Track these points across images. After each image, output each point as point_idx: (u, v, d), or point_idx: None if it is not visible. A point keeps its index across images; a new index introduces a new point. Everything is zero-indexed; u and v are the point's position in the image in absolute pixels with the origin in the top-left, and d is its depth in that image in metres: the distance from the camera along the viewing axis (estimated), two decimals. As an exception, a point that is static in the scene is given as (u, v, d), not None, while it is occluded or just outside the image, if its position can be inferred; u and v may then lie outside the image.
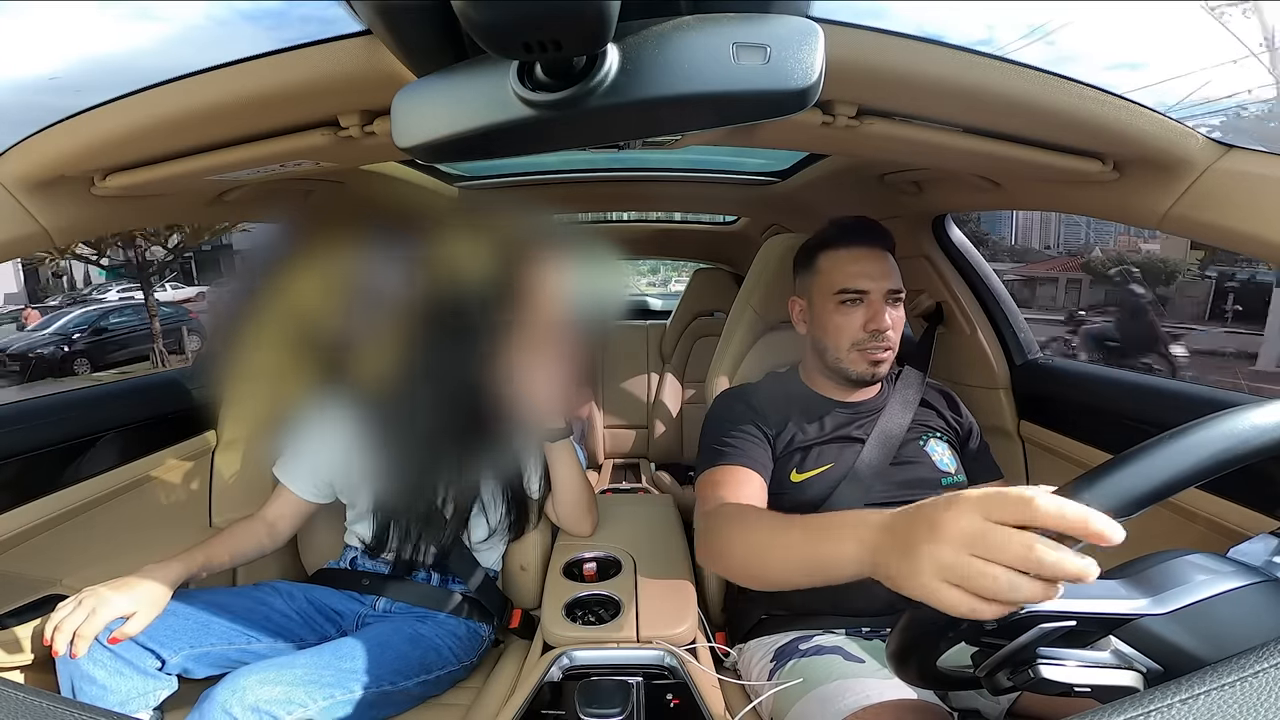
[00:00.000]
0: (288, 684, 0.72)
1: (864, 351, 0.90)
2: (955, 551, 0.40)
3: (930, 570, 0.42)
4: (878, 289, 0.90)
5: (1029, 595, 0.38)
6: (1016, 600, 0.38)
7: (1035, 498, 0.38)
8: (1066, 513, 0.37)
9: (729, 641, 0.98)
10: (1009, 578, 0.38)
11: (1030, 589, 0.37)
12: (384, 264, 0.83)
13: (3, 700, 0.34)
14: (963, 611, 0.40)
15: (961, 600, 0.40)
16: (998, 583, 0.38)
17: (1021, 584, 0.38)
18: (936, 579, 0.41)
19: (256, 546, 1.01)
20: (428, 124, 0.40)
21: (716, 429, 0.94)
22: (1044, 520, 0.38)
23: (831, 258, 0.93)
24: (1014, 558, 0.38)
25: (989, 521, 0.40)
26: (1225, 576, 0.42)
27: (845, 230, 0.94)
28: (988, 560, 0.39)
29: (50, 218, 0.71)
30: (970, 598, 0.40)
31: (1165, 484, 0.40)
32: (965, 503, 0.42)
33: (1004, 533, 0.39)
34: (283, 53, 0.54)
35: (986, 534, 0.39)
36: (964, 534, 0.40)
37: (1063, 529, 0.37)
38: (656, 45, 0.35)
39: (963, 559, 0.40)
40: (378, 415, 0.97)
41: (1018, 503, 0.39)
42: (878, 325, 0.89)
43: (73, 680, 0.76)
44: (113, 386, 1.15)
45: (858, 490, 0.89)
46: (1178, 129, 0.65)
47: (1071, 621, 0.41)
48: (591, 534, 1.10)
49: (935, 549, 0.41)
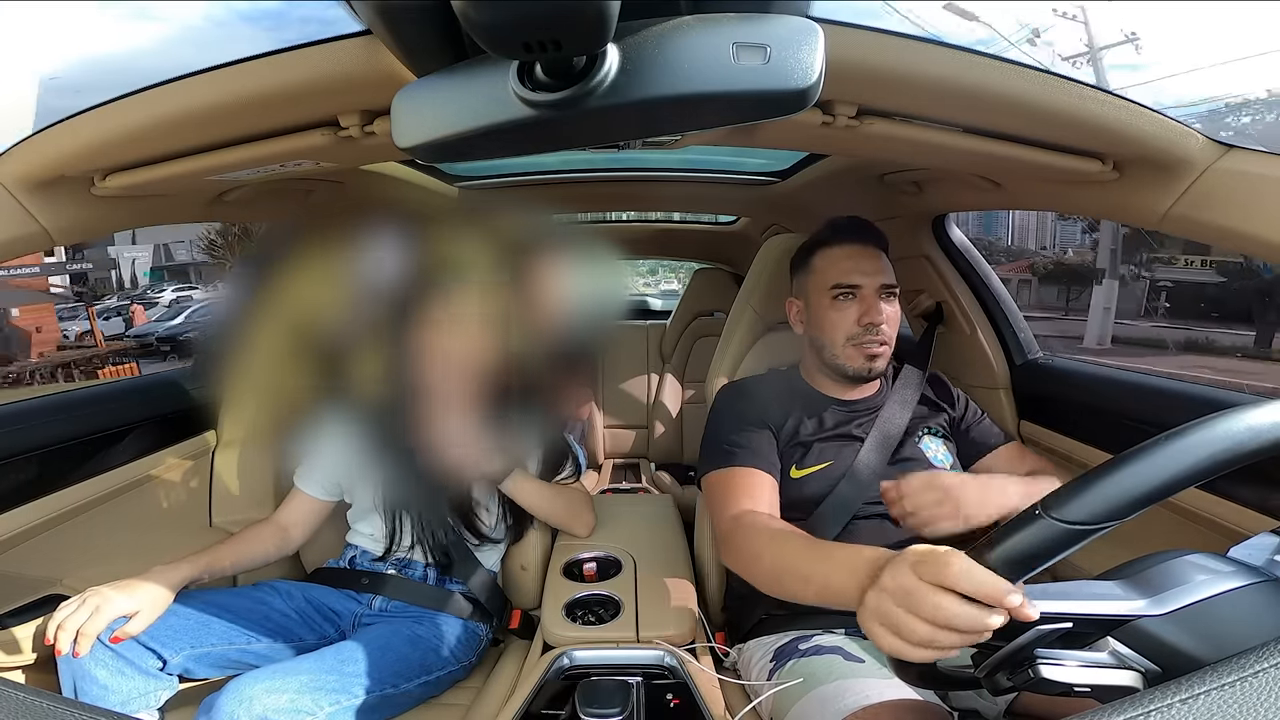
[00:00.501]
0: (294, 691, 0.72)
1: (860, 346, 0.91)
2: (888, 602, 0.47)
3: (870, 614, 0.49)
4: (870, 284, 0.91)
5: (948, 644, 0.44)
6: (938, 647, 0.44)
7: (949, 564, 0.44)
8: (974, 580, 0.42)
9: (729, 641, 0.98)
10: (928, 630, 0.44)
11: (948, 639, 0.44)
12: (384, 264, 0.83)
13: (3, 700, 0.34)
14: (893, 653, 0.47)
15: (892, 643, 0.47)
16: (917, 634, 0.45)
17: (939, 636, 0.44)
18: (874, 622, 0.48)
19: (265, 552, 1.01)
20: (428, 124, 0.40)
21: (724, 424, 0.95)
22: (954, 584, 0.43)
23: (825, 256, 0.95)
24: (929, 614, 0.44)
25: (917, 579, 0.46)
26: (1225, 576, 0.42)
27: (838, 230, 0.96)
28: (912, 614, 0.45)
29: (50, 218, 0.71)
30: (900, 642, 0.46)
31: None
32: (901, 560, 0.49)
33: (923, 590, 0.45)
34: (282, 53, 0.54)
35: (911, 591, 0.46)
36: (896, 588, 0.47)
37: (970, 594, 0.43)
38: (656, 45, 0.35)
39: (893, 610, 0.47)
40: (377, 414, 0.97)
41: (937, 565, 0.45)
42: (871, 319, 0.90)
43: (74, 680, 0.76)
44: (113, 386, 1.15)
45: (856, 489, 0.90)
46: (1178, 129, 0.65)
47: (1068, 624, 0.42)
48: (588, 535, 1.10)
49: (875, 597, 0.49)
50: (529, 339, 0.85)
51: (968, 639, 0.44)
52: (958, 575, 0.43)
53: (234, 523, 1.14)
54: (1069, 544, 0.42)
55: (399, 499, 1.01)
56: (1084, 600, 0.42)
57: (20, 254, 0.75)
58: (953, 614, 0.43)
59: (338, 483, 1.06)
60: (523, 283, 0.82)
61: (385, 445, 0.99)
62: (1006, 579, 0.42)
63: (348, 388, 0.89)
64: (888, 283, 0.92)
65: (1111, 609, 0.42)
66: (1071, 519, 0.41)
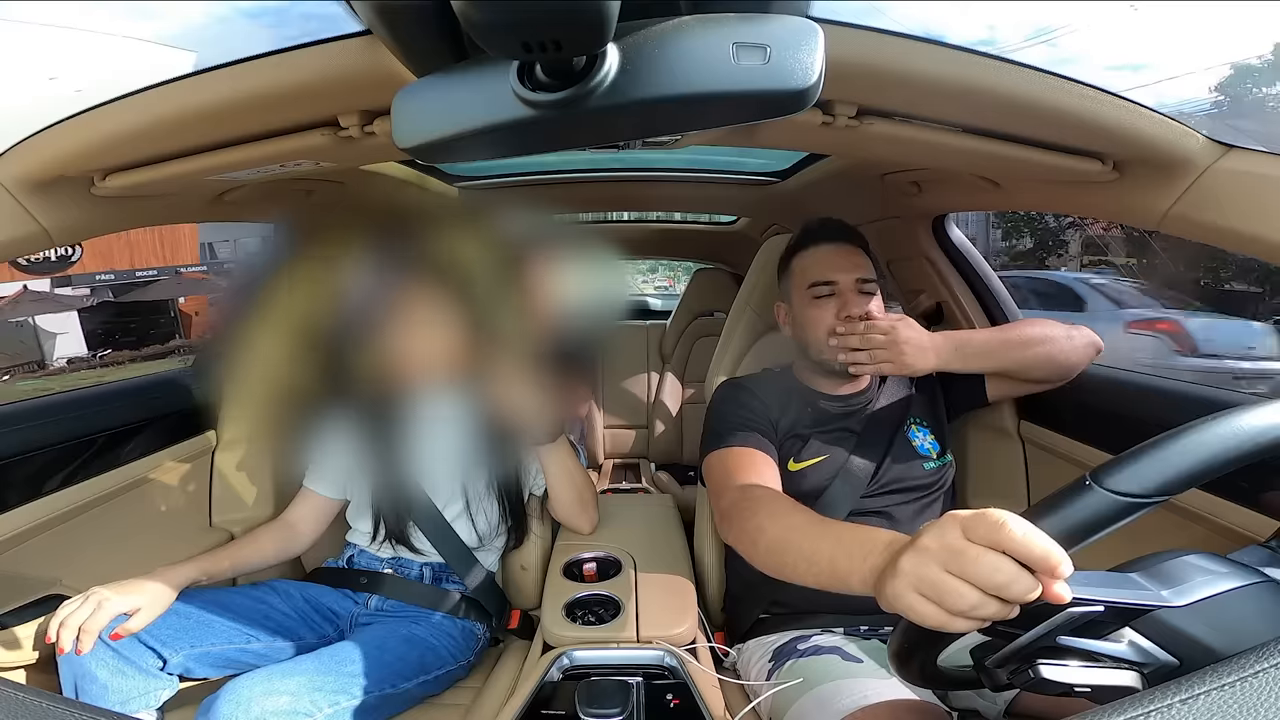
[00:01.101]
0: (292, 693, 0.72)
1: (841, 340, 0.92)
2: (932, 566, 0.43)
3: (908, 582, 0.44)
4: (847, 279, 0.93)
5: (992, 614, 0.41)
6: (981, 618, 0.41)
7: (1008, 523, 0.40)
8: (1033, 544, 0.39)
9: (728, 641, 0.98)
10: (977, 597, 0.40)
11: (992, 609, 0.40)
12: (384, 264, 0.83)
13: (3, 700, 0.34)
14: (933, 624, 0.43)
15: (933, 614, 0.43)
16: (965, 600, 0.41)
17: (988, 604, 0.40)
18: (913, 591, 0.44)
19: (272, 553, 1.02)
20: (428, 124, 0.40)
21: (724, 413, 0.96)
22: (1011, 546, 0.39)
23: (802, 258, 0.98)
24: (982, 579, 0.40)
25: (966, 540, 0.42)
26: (1232, 575, 0.42)
27: (812, 231, 0.99)
28: (959, 578, 0.41)
29: (50, 218, 0.71)
30: (941, 612, 0.42)
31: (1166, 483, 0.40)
32: (949, 521, 0.44)
33: (977, 551, 0.41)
34: (283, 53, 0.54)
35: (963, 552, 0.42)
36: (943, 548, 0.43)
37: (1026, 559, 0.39)
38: (656, 45, 0.35)
39: (938, 574, 0.42)
40: (375, 414, 0.97)
41: (992, 526, 0.41)
42: (850, 312, 0.91)
43: (75, 679, 0.76)
44: (113, 386, 1.15)
45: (850, 483, 0.91)
46: (1178, 129, 0.65)
47: (1099, 607, 0.40)
48: (591, 532, 1.10)
49: (916, 560, 0.44)
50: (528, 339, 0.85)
51: (1006, 611, 0.40)
52: (1018, 537, 0.39)
53: (234, 523, 1.14)
54: (1119, 517, 0.40)
55: (396, 497, 1.01)
56: (1110, 587, 0.41)
57: (20, 254, 0.75)
58: (1008, 577, 0.39)
59: (344, 481, 1.06)
60: (522, 282, 0.82)
61: (379, 443, 0.99)
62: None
63: (347, 387, 0.89)
64: (864, 277, 0.93)
65: (1136, 598, 0.41)
66: (1123, 490, 0.40)
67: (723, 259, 2.36)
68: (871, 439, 0.95)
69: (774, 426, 0.95)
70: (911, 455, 0.95)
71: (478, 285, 0.84)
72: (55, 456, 0.94)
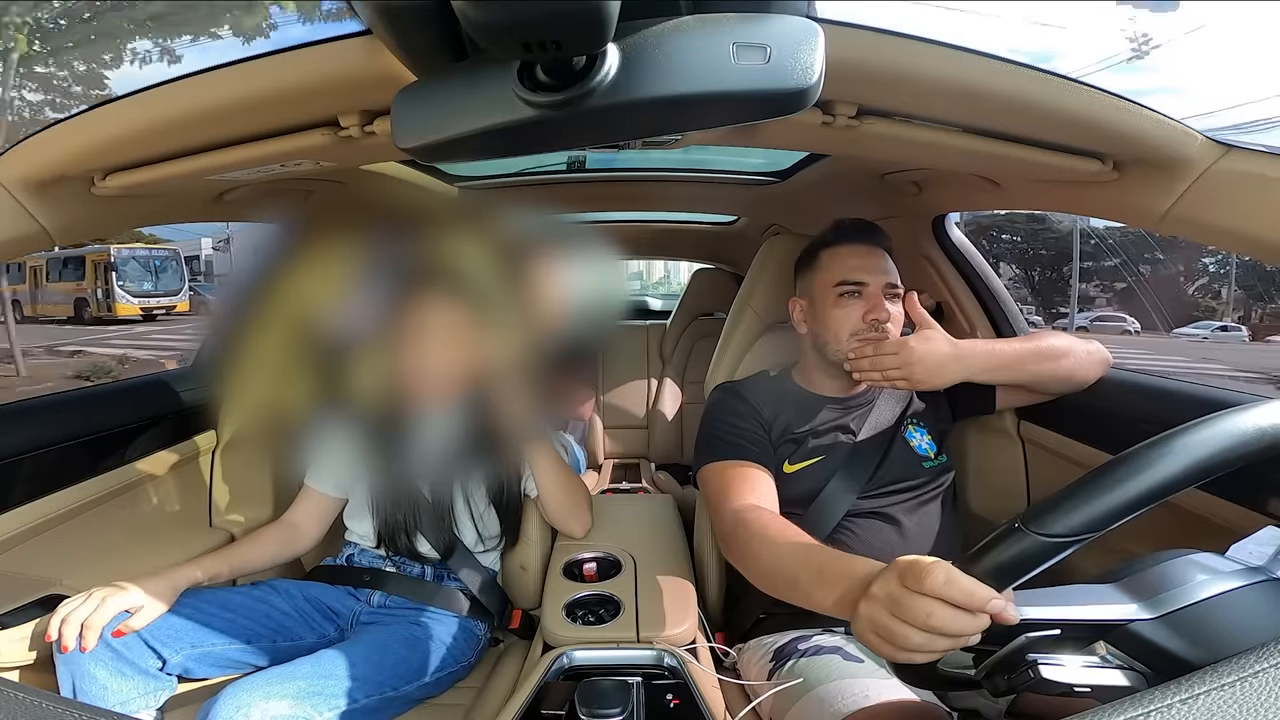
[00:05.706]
0: (292, 697, 0.72)
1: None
2: (880, 612, 0.48)
3: (865, 624, 0.50)
4: (876, 282, 0.92)
5: (945, 648, 0.46)
6: (936, 650, 0.46)
7: (931, 571, 0.45)
8: (954, 590, 0.43)
9: (728, 641, 0.98)
10: (922, 637, 0.45)
11: (941, 644, 0.45)
12: (383, 264, 0.83)
13: (3, 700, 0.34)
14: (891, 659, 0.49)
15: (890, 652, 0.48)
16: (912, 640, 0.46)
17: (932, 641, 0.45)
18: (870, 632, 0.50)
19: (273, 554, 1.01)
20: (428, 124, 0.40)
21: (719, 421, 0.96)
22: (935, 593, 0.44)
23: (831, 254, 0.96)
24: (920, 622, 0.45)
25: (904, 588, 0.47)
26: (1224, 577, 0.42)
27: (845, 230, 0.97)
28: (903, 621, 0.46)
29: (50, 218, 0.71)
30: (893, 649, 0.47)
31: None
32: (890, 570, 0.50)
33: (912, 599, 0.46)
34: (283, 53, 0.54)
35: (899, 600, 0.47)
36: (885, 597, 0.48)
37: (953, 603, 0.44)
38: (656, 45, 0.35)
39: (887, 619, 0.48)
40: (375, 415, 0.97)
41: (919, 576, 0.45)
42: (876, 316, 0.90)
43: (74, 679, 0.75)
44: (113, 386, 1.15)
45: (847, 484, 0.91)
46: (1178, 129, 0.65)
47: (1055, 630, 0.43)
48: (583, 536, 1.09)
49: (868, 606, 0.50)
50: (527, 339, 0.85)
51: (959, 643, 0.45)
52: (940, 585, 0.44)
53: (234, 523, 1.14)
54: (1049, 556, 0.43)
55: (394, 497, 1.01)
56: (1073, 605, 0.43)
57: (20, 254, 0.75)
58: (941, 620, 0.44)
59: (345, 480, 1.06)
60: (523, 282, 0.82)
61: (378, 442, 0.99)
62: (994, 587, 0.43)
63: (347, 386, 0.89)
64: (893, 283, 0.93)
65: (1100, 614, 0.43)
66: (1050, 532, 0.42)
67: (723, 259, 2.35)
68: (869, 440, 0.94)
69: (768, 431, 0.95)
70: (909, 455, 0.94)
71: (478, 285, 0.84)
72: (55, 456, 0.94)
